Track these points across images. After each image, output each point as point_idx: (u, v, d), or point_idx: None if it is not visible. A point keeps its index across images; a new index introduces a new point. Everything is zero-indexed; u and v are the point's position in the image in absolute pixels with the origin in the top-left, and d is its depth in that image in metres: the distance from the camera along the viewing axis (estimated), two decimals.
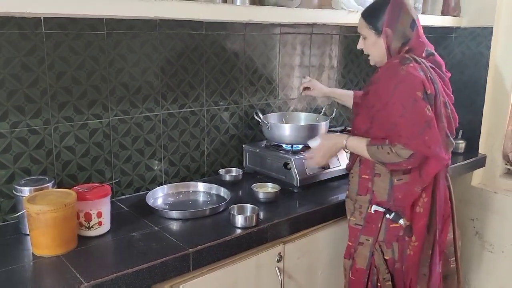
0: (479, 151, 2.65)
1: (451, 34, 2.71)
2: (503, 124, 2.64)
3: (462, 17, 2.67)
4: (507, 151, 2.67)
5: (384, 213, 1.65)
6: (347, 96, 2.08)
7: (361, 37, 1.71)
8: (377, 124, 1.60)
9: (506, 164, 2.72)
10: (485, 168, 2.68)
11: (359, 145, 1.63)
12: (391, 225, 1.65)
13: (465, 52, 2.67)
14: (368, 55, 1.71)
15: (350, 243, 1.75)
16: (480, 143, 2.66)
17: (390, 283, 1.69)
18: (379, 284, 1.70)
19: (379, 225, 1.66)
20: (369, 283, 1.70)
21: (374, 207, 1.66)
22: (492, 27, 2.55)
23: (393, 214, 1.63)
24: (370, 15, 1.65)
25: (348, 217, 1.76)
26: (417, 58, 1.59)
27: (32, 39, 1.56)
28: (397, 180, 1.62)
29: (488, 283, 2.70)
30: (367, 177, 1.68)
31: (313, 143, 1.78)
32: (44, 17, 1.57)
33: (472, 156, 2.57)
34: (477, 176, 2.73)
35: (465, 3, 2.66)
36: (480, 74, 2.61)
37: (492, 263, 2.67)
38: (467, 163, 2.49)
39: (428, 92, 1.52)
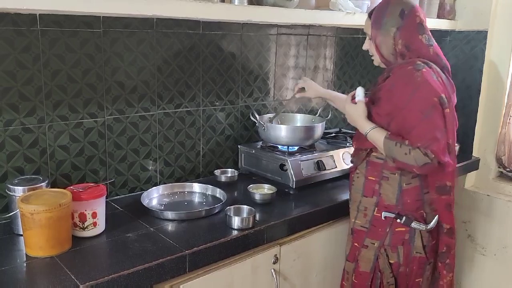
0: (473, 154, 2.67)
1: (445, 37, 2.72)
2: (497, 128, 2.65)
3: (457, 20, 2.68)
4: (500, 154, 2.69)
5: (395, 218, 1.63)
6: (341, 100, 1.99)
7: (367, 38, 1.69)
8: (392, 129, 1.56)
9: (499, 167, 2.73)
10: (478, 171, 2.70)
11: (378, 136, 1.56)
12: (396, 229, 1.64)
13: (459, 55, 2.68)
14: (372, 56, 1.70)
15: (357, 245, 1.72)
16: (473, 146, 2.67)
17: (394, 286, 1.68)
18: None
19: (387, 229, 1.65)
20: (372, 286, 1.69)
21: (384, 214, 1.64)
22: (486, 31, 2.56)
23: (404, 218, 1.62)
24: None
25: (353, 220, 1.74)
26: (428, 62, 1.58)
27: (28, 36, 1.54)
28: (405, 184, 1.61)
29: (480, 286, 2.71)
30: (374, 179, 1.66)
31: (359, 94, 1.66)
32: (39, 14, 1.54)
33: (465, 159, 2.58)
34: (470, 179, 2.75)
35: (460, 7, 2.67)
36: (474, 78, 2.62)
37: (484, 266, 2.68)
38: (461, 166, 2.50)
39: (443, 95, 1.52)
